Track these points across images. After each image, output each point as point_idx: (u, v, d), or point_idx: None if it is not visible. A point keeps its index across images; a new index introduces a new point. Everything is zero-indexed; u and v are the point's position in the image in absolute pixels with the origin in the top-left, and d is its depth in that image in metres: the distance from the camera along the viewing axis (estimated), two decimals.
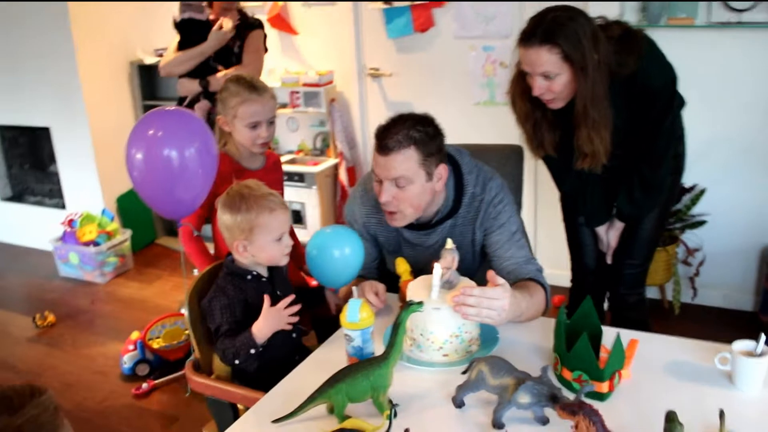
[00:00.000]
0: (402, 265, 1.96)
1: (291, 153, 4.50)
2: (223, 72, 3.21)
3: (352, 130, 4.28)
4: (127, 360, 3.25)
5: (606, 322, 2.45)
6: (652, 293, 3.58)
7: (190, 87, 3.29)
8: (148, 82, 4.87)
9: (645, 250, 2.44)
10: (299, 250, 2.27)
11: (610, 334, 1.77)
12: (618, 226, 2.40)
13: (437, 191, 1.92)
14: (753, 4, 3.03)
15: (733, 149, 3.30)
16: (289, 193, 4.09)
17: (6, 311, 4.16)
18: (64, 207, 4.95)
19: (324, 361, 1.70)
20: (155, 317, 3.42)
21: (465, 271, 1.86)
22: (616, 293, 2.53)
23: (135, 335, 3.31)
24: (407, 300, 1.56)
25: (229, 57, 3.27)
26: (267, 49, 3.40)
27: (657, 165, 2.23)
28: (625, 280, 2.48)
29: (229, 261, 1.86)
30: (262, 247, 1.81)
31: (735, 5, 3.07)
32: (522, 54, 2.03)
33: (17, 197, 5.33)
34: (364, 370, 1.45)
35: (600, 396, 1.52)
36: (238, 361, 1.76)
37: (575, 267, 2.63)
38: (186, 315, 1.87)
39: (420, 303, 1.49)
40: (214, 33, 3.18)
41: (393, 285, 2.01)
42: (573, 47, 1.95)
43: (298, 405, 1.48)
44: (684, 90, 3.23)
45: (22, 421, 1.04)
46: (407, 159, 1.82)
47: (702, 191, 3.37)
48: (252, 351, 1.75)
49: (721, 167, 3.34)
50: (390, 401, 1.51)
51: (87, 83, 4.52)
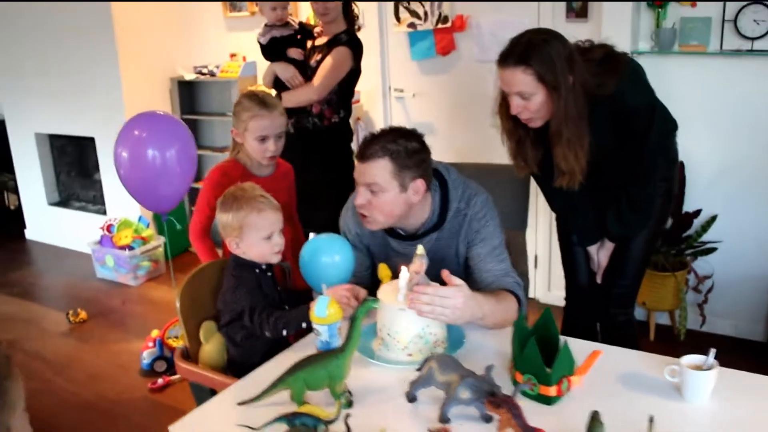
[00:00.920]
0: (384, 271, 2.07)
1: None
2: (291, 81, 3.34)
3: None
4: (147, 356, 3.43)
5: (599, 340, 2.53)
6: (662, 319, 3.61)
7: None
8: (187, 97, 5.12)
9: (634, 270, 2.49)
10: None
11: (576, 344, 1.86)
12: (608, 245, 2.46)
13: (413, 204, 2.01)
14: (765, 31, 3.08)
15: (745, 176, 3.32)
16: None
17: (43, 306, 4.44)
18: (105, 213, 5.22)
19: (302, 355, 1.81)
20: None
21: None
22: (605, 312, 2.58)
23: (155, 333, 3.49)
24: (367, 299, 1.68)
25: (305, 71, 3.38)
26: (359, 69, 3.42)
27: (643, 184, 2.29)
28: (614, 299, 2.53)
29: (236, 256, 2.01)
30: (251, 245, 1.96)
31: (747, 33, 3.12)
32: (500, 74, 2.15)
33: (64, 202, 5.64)
34: (322, 360, 1.57)
35: (548, 400, 1.58)
36: (286, 332, 1.88)
37: (569, 285, 2.70)
38: (177, 308, 2.02)
39: (375, 300, 1.60)
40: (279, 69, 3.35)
41: None
42: (546, 68, 2.05)
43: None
44: (695, 116, 3.31)
45: None
46: (381, 168, 1.94)
47: (713, 218, 3.39)
48: (303, 325, 1.87)
49: (733, 194, 3.36)
50: (349, 392, 1.63)
51: (129, 97, 4.79)
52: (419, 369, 1.60)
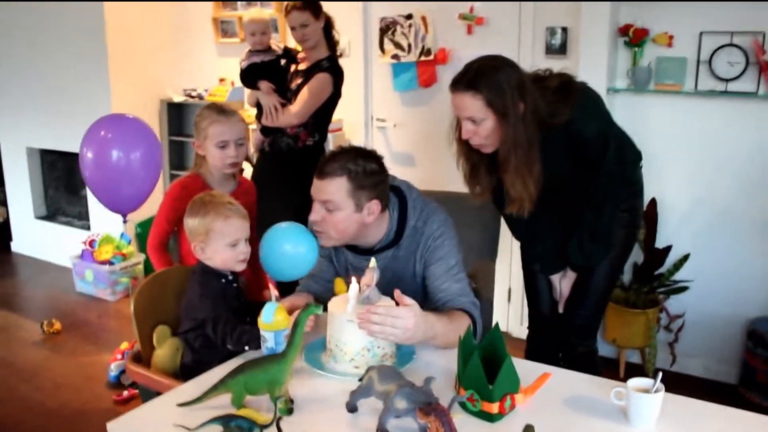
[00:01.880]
0: (339, 285, 2.09)
1: None
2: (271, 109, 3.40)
3: None
4: (114, 368, 3.43)
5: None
6: (634, 358, 3.61)
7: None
8: (176, 118, 5.18)
9: (595, 301, 2.50)
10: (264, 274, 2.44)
11: (521, 363, 1.87)
12: (570, 275, 2.47)
13: (367, 224, 2.04)
14: (739, 73, 3.13)
15: (717, 215, 3.35)
16: None
17: (21, 316, 4.46)
18: (89, 228, 5.23)
19: None
20: None
21: None
22: (566, 342, 2.58)
23: (124, 346, 3.50)
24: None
25: (285, 94, 3.45)
26: (339, 94, 3.48)
27: (598, 213, 2.31)
28: (575, 329, 2.53)
29: (203, 264, 2.03)
30: (216, 251, 1.98)
31: (721, 74, 3.17)
32: (452, 98, 2.18)
33: (50, 216, 5.67)
34: (263, 365, 1.58)
35: (490, 417, 1.57)
36: (248, 348, 1.88)
37: (531, 314, 2.70)
38: (132, 311, 2.03)
39: (318, 306, 1.61)
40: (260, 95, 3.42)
41: None
42: (495, 95, 2.08)
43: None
44: (669, 154, 3.35)
45: None
46: (338, 187, 1.97)
47: (686, 256, 3.41)
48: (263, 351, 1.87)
49: (705, 232, 3.39)
50: (290, 400, 1.63)
51: None
52: (361, 380, 1.60)
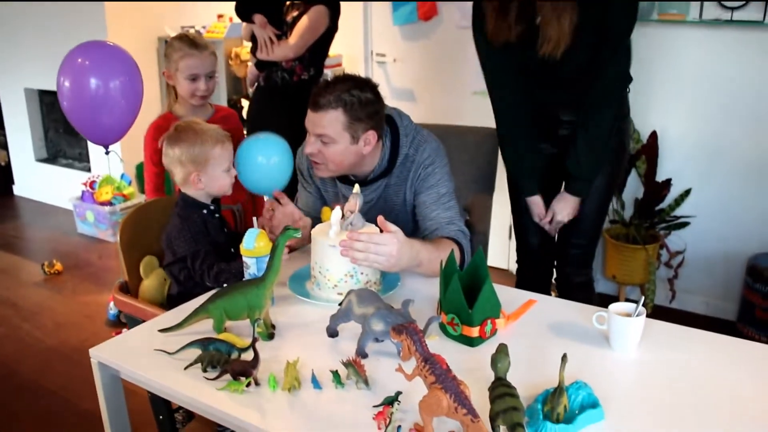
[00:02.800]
0: (326, 213, 2.07)
1: None
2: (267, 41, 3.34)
3: None
4: (113, 307, 3.46)
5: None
6: (633, 294, 3.60)
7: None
8: None
9: (589, 229, 2.48)
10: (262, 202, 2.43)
11: (508, 291, 1.86)
12: (569, 199, 2.43)
13: (364, 155, 2.00)
14: (745, 2, 3.04)
15: (720, 150, 3.29)
16: None
17: (22, 258, 4.49)
18: (90, 170, 5.23)
19: None
20: None
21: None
22: (562, 273, 2.58)
23: None
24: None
25: (281, 26, 3.38)
26: (336, 27, 3.41)
27: (600, 116, 2.27)
28: (571, 260, 2.53)
29: (185, 195, 1.99)
30: (215, 178, 1.96)
31: (727, 3, 3.08)
32: None
33: (51, 159, 5.66)
34: (242, 289, 1.57)
35: (470, 341, 1.57)
36: (226, 284, 1.86)
37: (519, 247, 2.68)
38: (118, 242, 2.02)
39: (297, 229, 1.59)
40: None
41: None
42: None
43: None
44: (672, 86, 3.28)
45: None
46: (333, 120, 1.92)
47: (687, 191, 3.37)
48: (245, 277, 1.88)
49: (708, 168, 3.34)
50: (272, 326, 1.63)
51: None
52: (340, 304, 1.59)
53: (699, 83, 3.25)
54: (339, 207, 1.79)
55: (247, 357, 1.42)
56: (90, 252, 4.55)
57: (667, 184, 3.33)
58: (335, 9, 3.34)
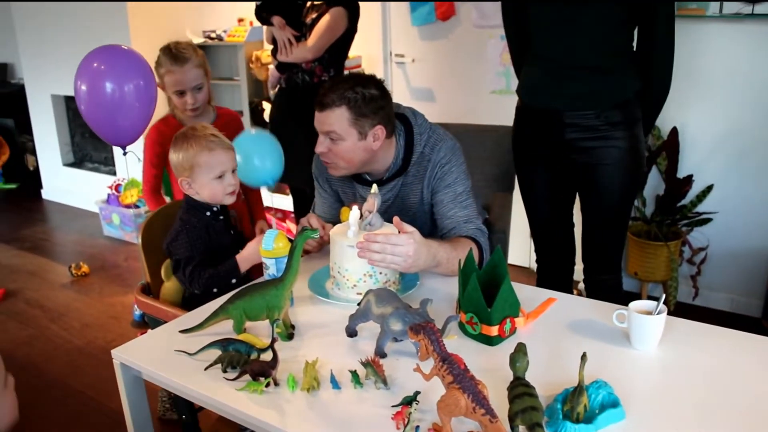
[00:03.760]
0: (344, 213, 2.08)
1: None
2: (285, 43, 3.36)
3: None
4: (138, 308, 3.48)
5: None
6: (656, 291, 3.57)
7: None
8: None
9: (613, 233, 2.44)
10: (261, 206, 2.45)
11: (528, 290, 1.86)
12: None
13: (374, 150, 2.01)
14: None
15: (743, 145, 3.25)
16: None
17: (49, 260, 4.57)
18: (115, 174, 5.30)
19: None
20: None
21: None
22: (590, 278, 2.55)
23: None
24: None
25: (301, 28, 3.40)
26: (355, 29, 3.41)
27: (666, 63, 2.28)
28: (598, 263, 2.50)
29: (189, 197, 2.01)
30: (203, 184, 1.96)
31: None
32: None
33: (78, 163, 5.74)
34: (261, 290, 1.58)
35: (489, 340, 1.57)
36: (216, 290, 1.90)
37: (537, 245, 2.66)
38: (139, 244, 2.05)
39: (315, 230, 1.60)
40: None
41: None
42: None
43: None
44: (692, 82, 3.25)
45: None
46: (338, 117, 1.94)
47: (709, 187, 3.34)
48: (233, 281, 1.92)
49: (730, 163, 3.30)
50: (291, 326, 1.65)
51: None
52: (359, 304, 1.60)
53: (720, 78, 3.22)
54: (357, 207, 1.80)
55: (267, 357, 1.43)
56: (116, 254, 4.61)
57: (689, 180, 3.30)
58: (354, 10, 3.35)
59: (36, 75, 5.61)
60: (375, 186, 1.87)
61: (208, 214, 2.00)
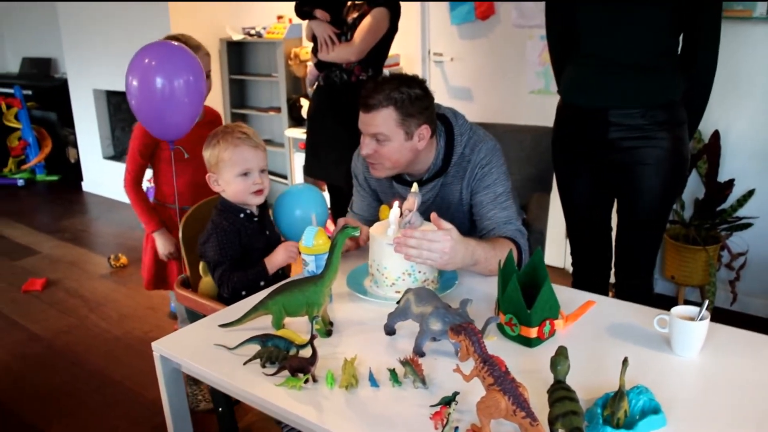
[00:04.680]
0: (384, 212, 2.09)
1: None
2: (327, 40, 3.37)
3: None
4: (175, 299, 3.53)
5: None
6: (693, 296, 3.52)
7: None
8: (235, 57, 5.22)
9: (650, 237, 2.41)
10: None
11: (566, 291, 1.84)
12: None
13: (419, 150, 2.01)
14: None
15: None
16: None
17: (89, 251, 4.65)
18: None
19: None
20: None
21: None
22: (621, 281, 2.51)
23: None
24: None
25: (341, 27, 3.41)
26: (396, 29, 3.41)
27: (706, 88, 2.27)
28: (631, 267, 2.47)
29: (223, 198, 2.02)
30: (227, 181, 1.96)
31: None
32: None
33: (118, 156, 5.83)
34: (301, 286, 1.59)
35: (528, 342, 1.56)
36: (245, 293, 1.91)
37: (574, 247, 2.64)
38: (180, 239, 2.08)
39: (355, 228, 1.61)
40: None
41: None
42: None
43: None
44: (735, 84, 3.19)
45: None
46: (385, 118, 1.94)
47: (750, 192, 3.28)
48: (261, 283, 1.94)
49: None
50: (330, 322, 1.65)
51: None
52: (398, 302, 1.60)
53: (764, 81, 3.16)
54: (397, 205, 1.80)
55: (305, 354, 1.44)
56: None
57: (730, 184, 3.24)
58: (396, 11, 3.35)
59: (78, 70, 5.71)
60: (415, 185, 1.87)
61: (241, 216, 2.00)
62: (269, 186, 2.04)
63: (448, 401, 1.26)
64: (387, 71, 4.19)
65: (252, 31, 4.97)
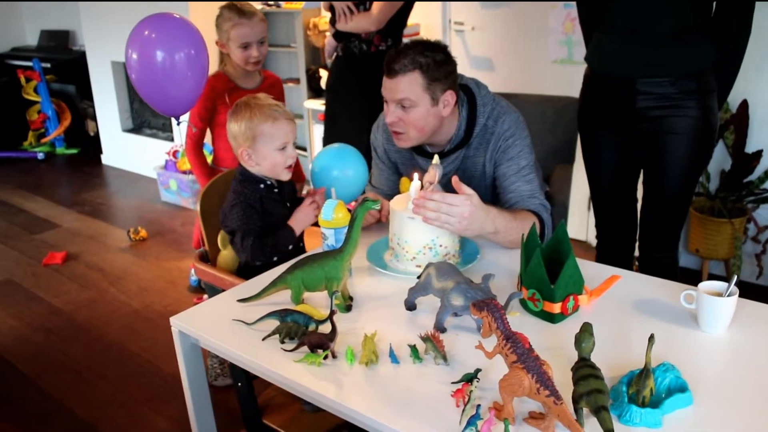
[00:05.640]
0: (404, 184, 2.05)
1: None
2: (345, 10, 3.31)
3: None
4: (194, 274, 3.53)
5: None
6: (717, 269, 3.46)
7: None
8: None
9: (676, 208, 2.36)
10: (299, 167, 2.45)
11: (590, 266, 1.80)
12: None
13: (444, 117, 1.97)
14: None
15: None
16: None
17: (109, 225, 4.66)
18: (173, 140, 5.36)
19: None
20: None
21: None
22: (645, 254, 2.48)
23: None
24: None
25: None
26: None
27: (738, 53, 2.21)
28: (656, 240, 2.43)
29: (243, 169, 1.98)
30: (265, 155, 1.90)
31: None
32: None
33: (136, 129, 5.83)
34: (320, 260, 1.57)
35: (551, 317, 1.53)
36: (276, 258, 1.90)
37: (599, 220, 2.59)
38: (198, 212, 2.05)
39: (375, 201, 1.57)
40: None
41: None
42: None
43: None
44: (764, 54, 3.08)
45: None
46: (412, 82, 1.89)
47: None
48: (290, 247, 1.93)
49: None
50: (350, 297, 1.63)
51: (197, 26, 4.83)
52: (419, 277, 1.58)
53: None
54: (418, 177, 1.77)
55: (325, 329, 1.42)
56: (173, 219, 4.68)
57: (758, 155, 3.17)
58: None
59: (96, 42, 5.68)
60: (436, 157, 1.83)
61: (261, 186, 1.96)
62: (296, 157, 1.99)
63: (469, 378, 1.24)
64: (407, 41, 4.12)
65: (270, 1, 4.91)
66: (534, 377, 1.11)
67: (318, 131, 4.64)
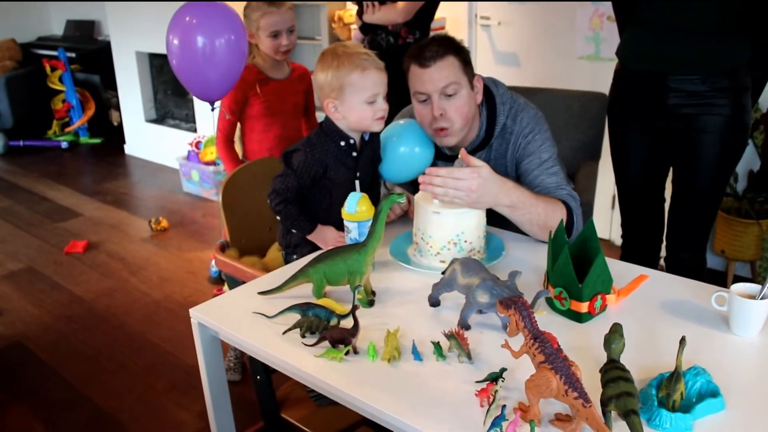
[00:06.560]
0: None
1: None
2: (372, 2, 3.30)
3: None
4: (215, 264, 3.52)
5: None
6: (743, 271, 3.40)
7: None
8: None
9: (704, 209, 2.31)
10: None
11: (617, 265, 1.76)
12: None
13: (476, 106, 1.96)
14: None
15: None
16: None
17: (131, 215, 4.68)
18: (195, 131, 5.36)
19: None
20: None
21: None
22: (672, 255, 2.43)
23: None
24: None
25: None
26: None
27: None
28: (683, 241, 2.38)
29: (328, 121, 1.84)
30: (351, 108, 1.78)
31: None
32: None
33: (160, 120, 5.85)
34: (343, 254, 1.54)
35: (578, 317, 1.49)
36: (294, 231, 1.87)
37: (625, 219, 2.55)
38: (220, 203, 2.04)
39: (400, 194, 1.54)
40: None
41: None
42: None
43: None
44: None
45: None
46: (451, 65, 1.86)
47: None
48: (293, 231, 1.90)
49: None
50: (372, 292, 1.60)
51: None
52: (444, 272, 1.55)
53: None
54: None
55: (347, 324, 1.39)
56: (194, 210, 4.68)
57: None
58: None
59: (121, 32, 5.70)
60: (463, 151, 1.79)
61: (341, 144, 1.83)
62: (387, 111, 1.84)
63: (494, 378, 1.21)
64: (433, 35, 4.09)
65: None
66: (562, 378, 1.08)
67: None
